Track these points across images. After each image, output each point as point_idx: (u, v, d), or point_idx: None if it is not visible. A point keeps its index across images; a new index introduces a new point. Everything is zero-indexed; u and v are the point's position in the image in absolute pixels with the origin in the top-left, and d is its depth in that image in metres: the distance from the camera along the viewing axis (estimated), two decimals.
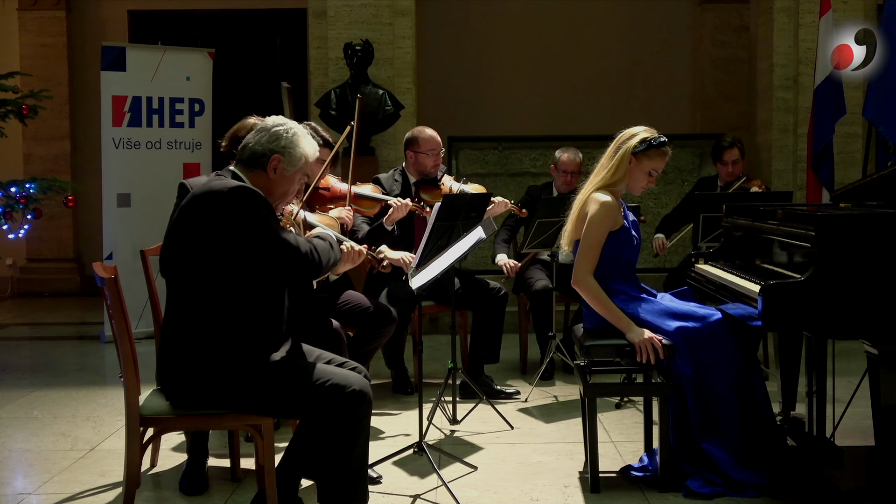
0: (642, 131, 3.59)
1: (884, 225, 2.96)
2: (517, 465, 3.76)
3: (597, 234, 3.52)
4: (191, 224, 2.82)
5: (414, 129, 5.01)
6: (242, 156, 2.93)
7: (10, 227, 6.58)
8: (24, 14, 8.95)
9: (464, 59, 8.99)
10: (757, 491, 3.29)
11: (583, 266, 3.54)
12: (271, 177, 2.91)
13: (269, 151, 2.90)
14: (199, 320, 2.82)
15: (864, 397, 3.34)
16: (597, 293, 3.52)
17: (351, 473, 2.88)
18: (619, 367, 3.73)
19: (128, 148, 6.67)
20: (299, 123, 3.35)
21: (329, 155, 4.16)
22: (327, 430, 2.83)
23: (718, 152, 5.63)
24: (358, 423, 2.85)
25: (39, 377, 5.52)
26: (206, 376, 2.80)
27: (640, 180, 3.61)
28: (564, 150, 5.48)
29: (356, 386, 2.83)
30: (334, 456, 2.84)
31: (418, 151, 4.87)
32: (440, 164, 4.93)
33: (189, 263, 2.83)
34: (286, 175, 2.93)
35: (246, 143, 2.95)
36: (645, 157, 3.57)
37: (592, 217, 3.52)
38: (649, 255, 5.95)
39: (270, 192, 2.93)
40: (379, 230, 4.46)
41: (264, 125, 2.97)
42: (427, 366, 5.45)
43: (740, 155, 5.58)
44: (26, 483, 3.68)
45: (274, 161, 2.90)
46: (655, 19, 9.03)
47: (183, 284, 2.86)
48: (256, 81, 9.21)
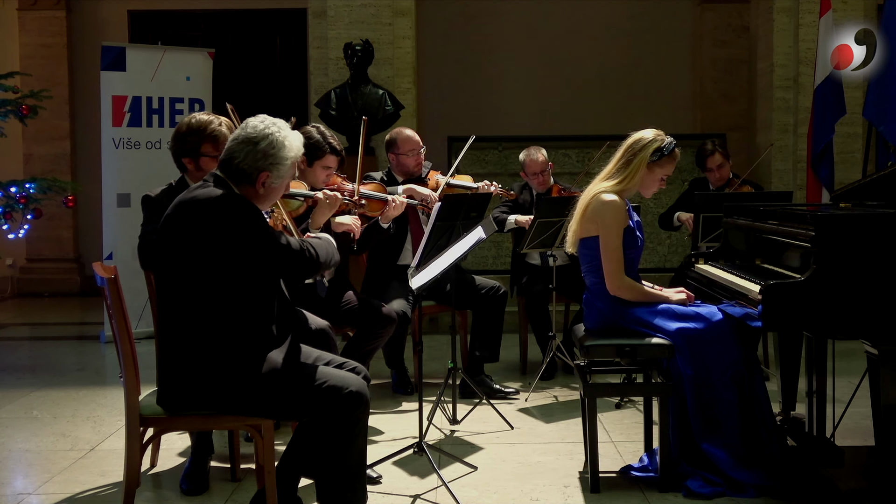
0: (654, 138, 3.59)
1: (884, 225, 2.96)
2: (517, 465, 3.76)
3: (616, 239, 3.54)
4: (178, 233, 2.78)
5: (392, 131, 5.01)
6: (229, 169, 2.83)
7: (10, 227, 6.59)
8: (24, 14, 8.96)
9: (464, 59, 8.98)
10: (757, 491, 3.29)
11: (614, 274, 3.53)
12: (260, 191, 2.85)
13: (256, 171, 2.81)
14: (191, 326, 2.80)
15: (864, 397, 3.34)
16: (636, 289, 3.55)
17: (349, 474, 2.87)
18: (619, 367, 3.73)
19: (128, 148, 6.67)
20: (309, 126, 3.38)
21: (335, 162, 4.14)
22: (325, 431, 2.83)
23: (702, 160, 5.69)
24: (355, 425, 2.85)
25: (39, 377, 5.52)
26: (201, 382, 2.79)
27: (653, 186, 3.65)
28: (526, 153, 5.41)
29: (353, 387, 2.83)
30: (332, 457, 2.84)
31: (399, 153, 4.88)
32: (422, 161, 4.92)
33: (178, 271, 2.79)
34: (275, 186, 2.88)
35: (231, 156, 2.83)
36: (657, 166, 3.59)
37: (606, 225, 3.53)
38: (651, 256, 5.96)
39: (261, 202, 2.89)
40: (374, 228, 4.45)
41: (249, 135, 2.82)
42: (427, 366, 5.45)
43: (724, 158, 5.61)
44: (26, 483, 3.68)
45: (262, 178, 2.83)
46: (655, 19, 9.03)
47: (173, 291, 2.83)
48: (256, 81, 9.22)
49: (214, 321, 2.78)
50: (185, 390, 2.82)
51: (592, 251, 3.59)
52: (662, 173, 3.62)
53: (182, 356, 2.81)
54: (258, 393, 2.80)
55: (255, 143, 2.81)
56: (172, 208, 2.83)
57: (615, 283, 3.53)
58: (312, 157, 4.05)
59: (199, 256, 2.75)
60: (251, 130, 2.83)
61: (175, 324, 2.83)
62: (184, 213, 2.78)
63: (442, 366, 5.11)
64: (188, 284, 2.78)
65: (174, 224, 2.80)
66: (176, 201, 2.84)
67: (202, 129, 3.49)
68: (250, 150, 2.81)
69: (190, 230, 2.76)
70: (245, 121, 2.90)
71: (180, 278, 2.80)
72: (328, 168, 4.12)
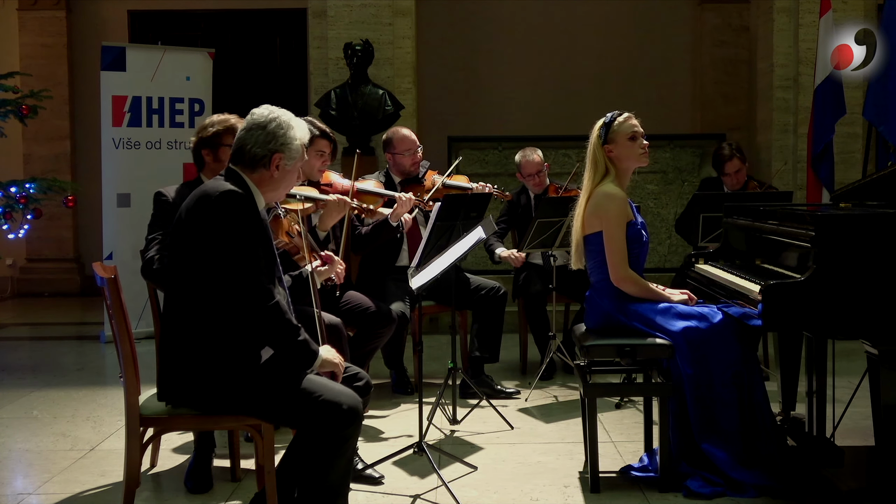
0: (599, 122, 3.64)
1: (884, 225, 2.96)
2: (517, 465, 3.76)
3: (619, 231, 3.54)
4: (185, 226, 2.82)
5: (389, 131, 5.03)
6: (242, 158, 2.89)
7: (10, 227, 6.59)
8: (24, 14, 8.96)
9: (464, 59, 8.99)
10: (757, 491, 3.29)
11: (618, 265, 3.54)
12: (275, 175, 2.90)
13: (269, 152, 2.87)
14: (188, 321, 2.80)
15: (864, 397, 3.34)
16: (639, 283, 3.55)
17: (331, 490, 2.82)
18: (619, 367, 3.73)
19: (128, 148, 6.67)
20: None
21: (327, 146, 4.19)
22: (313, 444, 2.79)
23: (720, 164, 5.59)
24: (344, 442, 2.80)
25: (39, 377, 5.52)
26: (196, 376, 2.79)
27: (632, 156, 3.62)
28: (522, 154, 5.42)
29: (346, 404, 2.76)
30: (316, 471, 2.79)
31: (395, 153, 4.89)
32: (419, 161, 4.93)
33: (183, 266, 2.82)
34: (288, 169, 2.92)
35: (242, 144, 2.90)
36: (615, 136, 3.59)
37: (609, 216, 3.53)
38: (651, 256, 5.96)
39: (276, 188, 2.93)
40: (383, 226, 4.46)
41: (256, 122, 2.90)
42: (427, 366, 5.45)
43: (742, 163, 5.53)
44: (26, 483, 3.68)
45: (276, 159, 2.88)
46: (655, 19, 9.04)
47: (176, 283, 2.86)
48: (256, 81, 9.22)
49: (208, 316, 2.78)
50: (181, 384, 2.82)
51: (597, 247, 3.59)
52: (626, 136, 3.60)
53: (179, 351, 2.81)
54: (249, 390, 2.78)
55: (263, 126, 2.88)
56: (188, 201, 2.86)
57: (619, 273, 3.53)
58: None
59: (199, 248, 2.77)
60: (257, 117, 2.91)
61: (175, 318, 2.84)
62: (191, 205, 2.82)
63: (442, 366, 5.11)
64: (187, 277, 2.80)
65: (184, 216, 2.83)
66: (192, 194, 2.87)
67: (224, 121, 3.67)
68: (260, 134, 2.87)
69: (194, 222, 2.79)
70: (250, 112, 2.96)
71: (180, 270, 2.82)
72: (322, 153, 4.17)
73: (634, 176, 3.73)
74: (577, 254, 3.70)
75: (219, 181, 2.87)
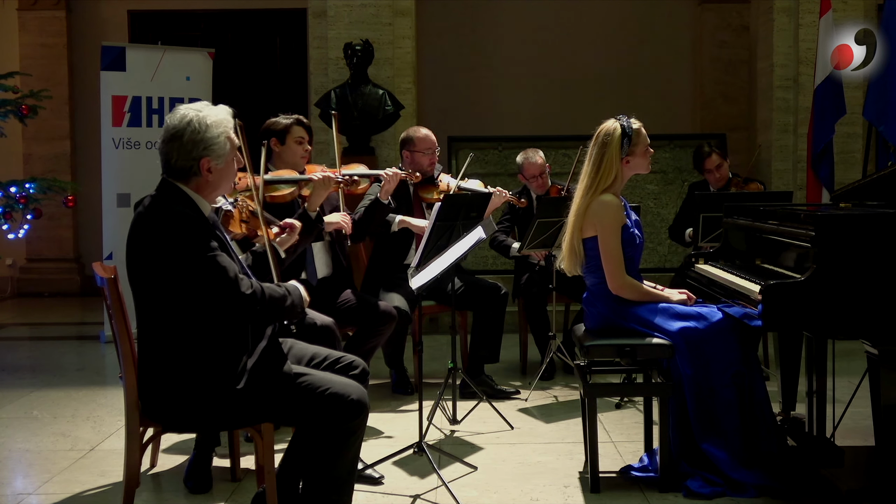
0: (616, 130, 3.57)
1: (884, 225, 2.96)
2: (517, 465, 3.76)
3: (614, 240, 3.54)
4: (134, 247, 2.74)
5: (409, 129, 5.04)
6: (171, 172, 2.80)
7: (10, 227, 6.59)
8: (24, 14, 8.95)
9: (464, 58, 8.98)
10: (757, 491, 3.29)
11: (615, 273, 3.53)
12: (210, 179, 2.80)
13: (194, 160, 2.77)
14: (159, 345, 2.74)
15: (864, 397, 3.34)
16: (637, 289, 3.55)
17: (338, 483, 2.83)
18: (619, 367, 3.73)
19: (128, 148, 6.67)
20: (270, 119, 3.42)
21: (304, 132, 4.27)
22: (320, 438, 2.79)
23: (699, 162, 5.69)
24: (351, 435, 2.80)
25: (39, 377, 5.52)
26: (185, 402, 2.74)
27: (644, 161, 3.65)
28: (524, 156, 5.42)
29: (354, 396, 2.77)
30: (323, 464, 2.79)
31: (414, 151, 4.90)
32: (436, 162, 4.95)
33: (141, 284, 2.75)
34: (221, 167, 2.81)
35: (167, 157, 2.79)
36: (635, 149, 3.59)
37: (604, 225, 3.53)
38: (651, 256, 5.96)
39: (216, 188, 2.85)
40: (376, 205, 4.50)
41: (172, 133, 2.77)
42: (427, 366, 5.44)
43: (721, 158, 5.61)
44: (26, 483, 3.68)
45: (205, 164, 2.78)
46: (655, 19, 9.03)
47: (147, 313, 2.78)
48: (256, 81, 9.22)
49: (177, 339, 2.72)
50: (168, 411, 2.78)
51: (592, 251, 3.59)
52: (642, 149, 3.61)
53: (157, 377, 2.76)
54: (239, 407, 2.75)
55: (179, 137, 2.77)
56: (133, 220, 2.78)
57: (616, 282, 3.53)
58: (282, 136, 4.25)
59: (146, 272, 2.71)
60: (171, 127, 2.79)
61: (146, 342, 2.78)
62: (135, 227, 2.75)
63: (442, 366, 5.10)
64: (153, 304, 2.73)
65: (131, 236, 2.75)
66: (136, 213, 2.79)
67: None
68: (179, 146, 2.77)
69: (141, 244, 2.72)
70: (167, 117, 2.85)
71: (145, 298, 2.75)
72: (300, 139, 4.26)
73: (633, 176, 3.74)
74: (571, 259, 3.65)
75: (157, 201, 2.76)
